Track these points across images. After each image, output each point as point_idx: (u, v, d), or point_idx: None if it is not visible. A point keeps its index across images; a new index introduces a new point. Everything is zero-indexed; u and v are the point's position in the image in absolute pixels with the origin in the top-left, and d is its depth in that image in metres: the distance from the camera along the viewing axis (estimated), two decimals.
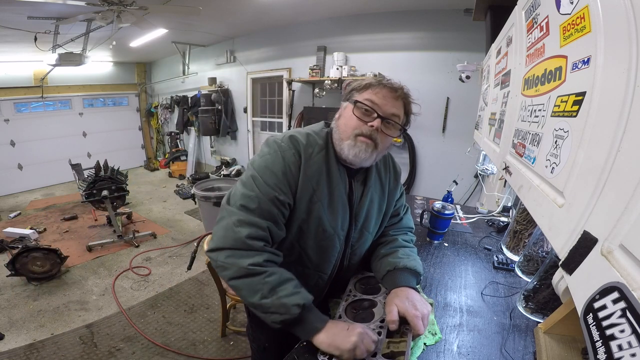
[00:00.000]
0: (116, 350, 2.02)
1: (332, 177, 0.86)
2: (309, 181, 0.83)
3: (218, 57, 5.12)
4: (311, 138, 0.86)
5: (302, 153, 0.82)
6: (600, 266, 0.37)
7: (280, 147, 0.83)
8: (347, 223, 0.92)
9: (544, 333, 0.83)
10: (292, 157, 0.81)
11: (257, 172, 0.81)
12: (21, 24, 3.27)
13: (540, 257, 1.15)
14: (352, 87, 0.87)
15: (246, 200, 0.79)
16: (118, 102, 6.83)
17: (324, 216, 0.86)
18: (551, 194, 0.55)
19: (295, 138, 0.84)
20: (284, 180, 0.81)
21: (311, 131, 0.89)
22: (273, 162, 0.81)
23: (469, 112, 2.88)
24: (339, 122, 0.87)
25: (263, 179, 0.80)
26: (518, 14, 0.90)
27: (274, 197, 0.79)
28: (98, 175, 3.35)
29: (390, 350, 0.74)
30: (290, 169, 0.81)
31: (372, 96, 0.83)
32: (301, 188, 0.82)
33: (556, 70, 0.58)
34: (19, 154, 5.46)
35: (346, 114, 0.86)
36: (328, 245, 0.90)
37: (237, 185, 0.85)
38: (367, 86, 0.85)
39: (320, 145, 0.86)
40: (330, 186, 0.86)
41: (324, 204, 0.85)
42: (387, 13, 3.31)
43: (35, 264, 2.62)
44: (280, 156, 0.81)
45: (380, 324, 0.83)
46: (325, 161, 0.85)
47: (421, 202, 2.14)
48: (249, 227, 0.77)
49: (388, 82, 0.85)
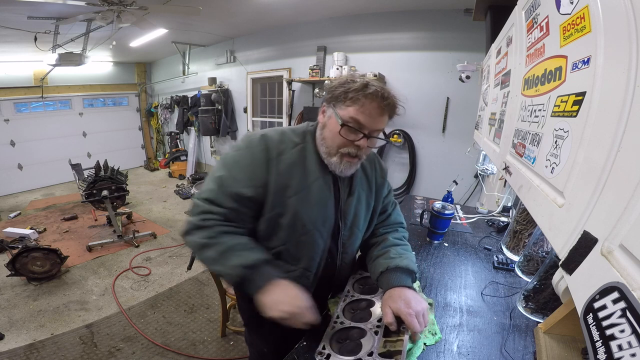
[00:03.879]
0: (116, 350, 2.02)
1: (309, 172, 0.87)
2: (281, 177, 0.84)
3: (218, 57, 5.12)
4: (286, 136, 0.88)
5: (272, 150, 0.84)
6: (600, 266, 0.37)
7: (251, 143, 0.85)
8: (331, 220, 0.92)
9: (544, 333, 0.83)
10: (260, 154, 0.83)
11: (225, 167, 0.85)
12: (21, 24, 3.27)
13: (540, 257, 1.15)
14: (335, 93, 0.82)
15: (210, 194, 0.83)
16: (118, 102, 6.83)
17: (301, 210, 0.86)
18: (551, 194, 0.55)
19: (268, 136, 0.86)
20: (250, 176, 0.83)
21: (289, 130, 0.91)
22: (242, 157, 0.84)
23: (469, 112, 2.88)
24: (325, 133, 0.86)
25: (230, 173, 0.83)
26: (518, 14, 0.91)
27: (237, 192, 0.82)
28: (98, 175, 3.35)
29: (387, 349, 0.74)
30: (259, 165, 0.83)
31: (358, 115, 0.79)
32: (274, 184, 0.84)
33: (556, 70, 0.58)
34: (19, 154, 5.46)
35: (331, 126, 0.84)
36: (308, 240, 0.90)
37: (207, 177, 0.88)
38: (353, 100, 0.79)
39: (295, 142, 0.88)
40: (306, 181, 0.86)
41: (301, 198, 0.86)
42: (387, 13, 3.31)
43: (35, 264, 2.62)
44: (250, 152, 0.84)
45: (377, 323, 0.83)
46: (301, 156, 0.87)
47: (421, 202, 2.14)
48: (201, 215, 0.82)
49: (375, 91, 0.78)
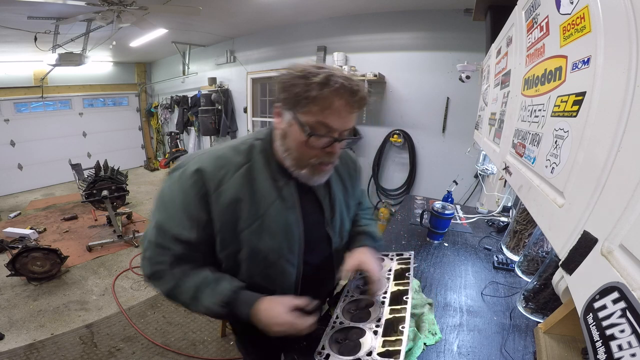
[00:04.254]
0: (116, 350, 2.02)
1: (261, 197, 0.74)
2: (226, 211, 0.72)
3: (218, 57, 5.12)
4: (225, 159, 0.74)
5: (208, 182, 0.71)
6: (600, 266, 0.37)
7: (183, 176, 0.72)
8: (300, 242, 0.81)
9: (544, 333, 0.83)
10: (193, 190, 0.71)
11: (162, 206, 0.74)
12: (21, 24, 3.27)
13: (540, 257, 1.15)
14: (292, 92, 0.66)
15: (154, 237, 0.74)
16: (118, 102, 6.83)
17: (258, 244, 0.75)
18: (551, 194, 0.55)
19: (202, 167, 0.72)
20: (188, 216, 0.72)
21: (229, 149, 0.76)
22: (176, 194, 0.72)
23: (469, 112, 2.88)
24: (288, 143, 0.73)
25: (167, 213, 0.73)
26: (518, 14, 0.90)
27: (178, 235, 0.72)
28: (98, 175, 3.35)
29: (387, 349, 0.74)
30: (195, 204, 0.71)
31: (326, 118, 0.67)
32: (219, 221, 0.73)
33: (556, 70, 0.58)
34: (19, 154, 5.46)
35: (294, 135, 0.71)
36: (276, 272, 0.80)
37: (152, 211, 0.77)
38: (317, 99, 0.65)
39: (238, 163, 0.74)
40: (258, 210, 0.74)
41: (255, 231, 0.74)
42: (387, 13, 3.31)
43: (35, 264, 2.62)
44: (182, 188, 0.72)
45: (377, 323, 0.83)
46: (248, 180, 0.74)
47: (421, 202, 2.14)
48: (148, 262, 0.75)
49: (342, 85, 0.65)
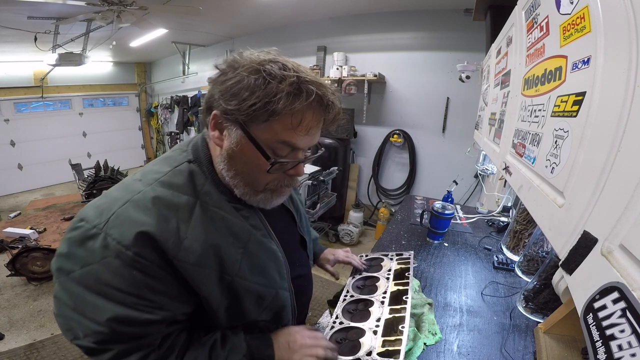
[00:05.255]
0: None
1: (236, 234, 0.60)
2: (200, 268, 0.55)
3: (218, 57, 5.11)
4: (163, 205, 0.53)
5: (157, 244, 0.51)
6: (600, 266, 0.37)
7: (109, 248, 0.49)
8: (286, 266, 0.70)
9: (544, 333, 0.83)
10: (139, 261, 0.50)
11: (89, 292, 0.50)
12: (21, 24, 3.27)
13: (540, 257, 1.15)
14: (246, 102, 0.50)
15: (98, 336, 0.51)
16: (118, 102, 6.83)
17: (252, 286, 0.62)
18: (551, 194, 0.55)
19: (130, 221, 0.50)
20: (144, 295, 0.52)
21: (157, 186, 0.55)
22: (109, 273, 0.49)
23: (469, 112, 2.88)
24: (238, 167, 0.57)
25: (106, 299, 0.50)
26: (518, 14, 0.90)
27: (142, 320, 0.52)
28: (98, 175, 3.36)
29: (386, 349, 0.74)
30: (149, 275, 0.51)
31: (292, 136, 0.54)
32: (195, 281, 0.55)
33: (556, 70, 0.58)
34: (19, 154, 5.46)
35: (247, 157, 0.55)
36: (276, 304, 0.69)
37: (60, 308, 0.52)
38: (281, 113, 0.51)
39: (185, 204, 0.55)
40: (237, 248, 0.60)
41: (244, 273, 0.60)
42: (387, 13, 3.31)
43: (35, 264, 2.62)
44: (117, 264, 0.49)
45: (377, 322, 0.83)
46: (210, 222, 0.57)
47: (421, 202, 2.14)
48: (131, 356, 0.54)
49: (317, 96, 0.51)
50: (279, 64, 0.51)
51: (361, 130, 3.76)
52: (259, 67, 0.50)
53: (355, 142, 3.85)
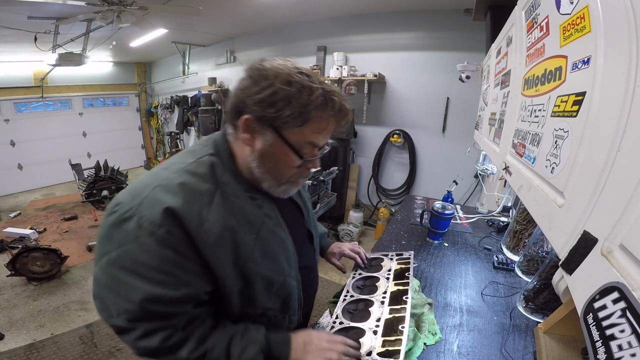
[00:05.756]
0: (116, 350, 2.02)
1: (250, 221, 0.66)
2: (217, 249, 0.61)
3: (218, 57, 5.12)
4: (188, 190, 0.60)
5: (182, 221, 0.57)
6: (600, 266, 0.37)
7: (142, 227, 0.56)
8: (294, 255, 0.76)
9: (544, 333, 0.83)
10: (169, 237, 0.56)
11: (124, 272, 0.57)
12: (21, 24, 3.27)
13: (540, 257, 1.15)
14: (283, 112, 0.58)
15: (129, 315, 0.57)
16: (118, 102, 6.83)
17: (263, 271, 0.67)
18: (551, 194, 0.55)
19: (160, 202, 0.57)
20: (174, 272, 0.58)
21: (183, 174, 0.62)
22: (143, 252, 0.56)
23: (469, 112, 2.88)
24: (267, 165, 0.65)
25: (139, 278, 0.56)
26: (518, 14, 0.90)
27: (169, 298, 0.58)
28: (98, 175, 3.36)
29: (386, 349, 0.74)
30: (178, 251, 0.57)
31: (317, 138, 0.63)
32: (213, 261, 0.61)
33: (556, 70, 0.58)
34: (19, 154, 5.46)
35: (278, 157, 0.63)
36: (283, 291, 0.74)
37: (99, 289, 0.60)
38: (312, 119, 0.60)
39: (207, 190, 0.62)
40: (251, 234, 0.65)
41: (256, 258, 0.66)
42: (387, 13, 3.31)
43: (35, 264, 2.62)
44: (150, 242, 0.56)
45: (376, 322, 0.83)
46: (228, 209, 0.63)
47: (421, 202, 2.14)
48: (155, 335, 0.59)
49: (340, 107, 0.63)
50: (304, 75, 0.59)
51: (361, 130, 3.77)
52: (290, 78, 0.58)
53: (355, 142, 3.85)
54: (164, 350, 0.60)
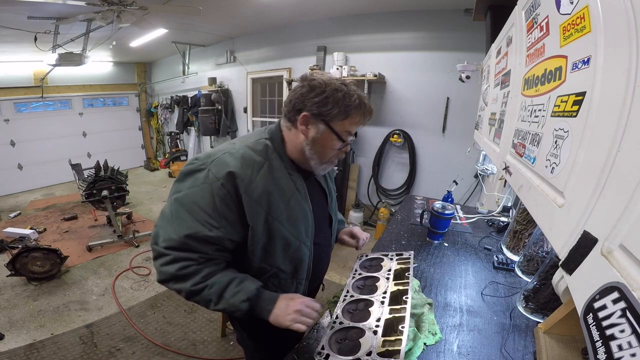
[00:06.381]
0: (116, 350, 2.02)
1: (283, 191, 0.84)
2: (257, 204, 0.79)
3: (218, 57, 5.12)
4: (248, 159, 0.80)
5: (241, 183, 0.77)
6: (600, 266, 0.37)
7: (208, 178, 0.77)
8: (312, 228, 0.92)
9: (544, 333, 0.83)
10: (222, 189, 0.76)
11: (183, 208, 0.77)
12: (21, 24, 3.27)
13: (540, 257, 1.15)
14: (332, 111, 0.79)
15: (170, 243, 0.77)
16: (118, 102, 6.83)
17: (285, 232, 0.85)
18: (551, 194, 0.55)
19: (225, 163, 0.78)
20: (214, 215, 0.77)
21: (248, 149, 0.82)
22: (201, 196, 0.77)
23: (469, 112, 2.88)
24: (316, 149, 0.84)
25: (190, 214, 0.77)
26: (518, 14, 0.90)
27: (203, 235, 0.77)
28: (98, 175, 3.36)
29: (386, 349, 0.74)
30: (224, 201, 0.77)
31: (352, 127, 0.83)
32: (250, 214, 0.79)
33: (556, 70, 0.58)
34: (19, 154, 5.46)
35: (325, 141, 0.83)
36: (297, 255, 0.91)
37: (161, 220, 0.80)
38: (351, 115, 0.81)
39: (259, 162, 0.81)
40: (283, 200, 0.83)
41: (282, 219, 0.84)
42: (387, 13, 3.31)
43: (35, 264, 2.62)
44: (209, 189, 0.76)
45: (376, 322, 0.83)
46: (271, 177, 0.82)
47: (421, 202, 2.14)
48: (176, 264, 0.77)
49: (368, 106, 0.84)
50: (344, 85, 0.81)
51: (361, 130, 3.76)
52: (336, 87, 0.79)
53: (355, 142, 3.85)
54: (178, 277, 0.78)
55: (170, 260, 0.77)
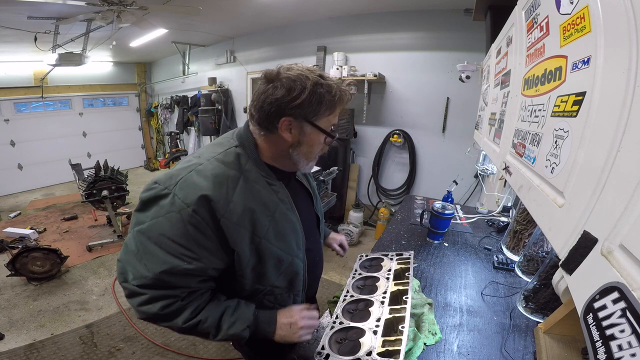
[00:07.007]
0: (116, 350, 2.02)
1: (266, 204, 0.75)
2: (239, 226, 0.70)
3: (218, 57, 5.12)
4: (218, 175, 0.70)
5: (211, 204, 0.66)
6: (600, 266, 0.37)
7: (174, 205, 0.65)
8: (302, 237, 0.85)
9: (544, 333, 0.83)
10: (194, 217, 0.66)
11: (150, 241, 0.66)
12: (21, 24, 3.27)
13: (540, 257, 1.15)
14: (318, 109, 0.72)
15: (143, 281, 0.67)
16: (118, 102, 6.83)
17: (274, 249, 0.77)
18: (551, 194, 0.55)
19: (194, 185, 0.67)
20: (190, 246, 0.67)
21: (214, 161, 0.72)
22: (169, 226, 0.66)
23: (469, 112, 2.88)
24: (303, 150, 0.76)
25: (161, 248, 0.66)
26: (518, 14, 0.90)
27: (182, 269, 0.67)
28: (98, 175, 3.36)
29: (386, 349, 0.74)
30: (198, 230, 0.67)
31: (335, 120, 0.78)
32: (233, 239, 0.70)
33: (556, 70, 0.58)
34: (19, 154, 5.46)
35: (312, 141, 0.76)
36: (290, 270, 0.84)
37: (125, 255, 0.70)
38: (334, 108, 0.75)
39: (234, 176, 0.72)
40: (267, 215, 0.75)
41: (270, 237, 0.76)
42: (387, 13, 3.31)
43: (35, 264, 2.62)
44: (177, 218, 0.65)
45: (376, 322, 0.83)
46: (250, 192, 0.73)
47: (421, 202, 2.14)
48: (157, 303, 0.69)
49: (348, 96, 0.77)
50: (321, 77, 0.72)
51: (361, 130, 3.77)
52: (315, 81, 0.70)
53: (355, 142, 3.85)
54: (162, 316, 0.70)
55: (147, 300, 0.68)
